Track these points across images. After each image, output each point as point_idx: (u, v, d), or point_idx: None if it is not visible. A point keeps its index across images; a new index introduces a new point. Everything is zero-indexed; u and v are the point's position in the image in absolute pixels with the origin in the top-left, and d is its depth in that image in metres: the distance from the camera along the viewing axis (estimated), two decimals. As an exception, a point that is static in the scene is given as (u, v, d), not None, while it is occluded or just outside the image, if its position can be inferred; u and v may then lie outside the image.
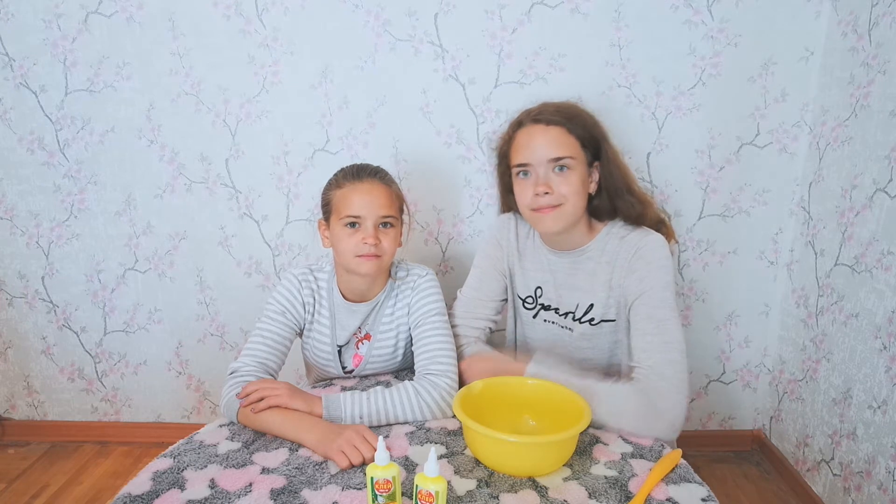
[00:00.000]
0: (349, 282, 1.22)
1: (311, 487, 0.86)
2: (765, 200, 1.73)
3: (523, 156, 1.13)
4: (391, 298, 1.25)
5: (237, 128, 1.70)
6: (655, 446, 0.97)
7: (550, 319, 1.25)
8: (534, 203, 1.12)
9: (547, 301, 1.25)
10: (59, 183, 1.76)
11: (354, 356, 1.28)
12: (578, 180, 1.11)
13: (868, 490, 1.42)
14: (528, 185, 1.12)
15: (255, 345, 1.15)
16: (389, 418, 1.05)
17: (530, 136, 1.12)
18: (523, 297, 1.29)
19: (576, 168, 1.11)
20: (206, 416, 1.96)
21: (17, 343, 1.91)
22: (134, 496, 0.84)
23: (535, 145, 1.11)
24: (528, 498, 0.83)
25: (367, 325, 1.26)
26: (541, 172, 1.11)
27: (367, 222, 1.13)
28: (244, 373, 1.10)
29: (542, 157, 1.10)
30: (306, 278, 1.23)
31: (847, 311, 1.51)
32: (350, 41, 1.62)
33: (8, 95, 1.69)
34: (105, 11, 1.62)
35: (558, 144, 1.10)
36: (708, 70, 1.62)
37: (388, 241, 1.15)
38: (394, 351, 1.26)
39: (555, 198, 1.10)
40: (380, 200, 1.14)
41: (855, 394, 1.48)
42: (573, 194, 1.11)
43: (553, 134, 1.10)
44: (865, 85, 1.45)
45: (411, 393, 1.07)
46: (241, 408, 1.03)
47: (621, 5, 1.58)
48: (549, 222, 1.13)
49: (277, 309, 1.20)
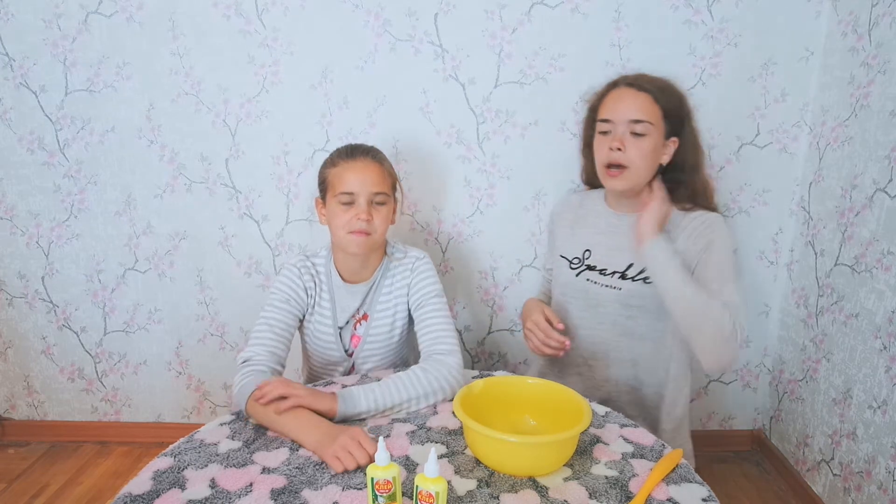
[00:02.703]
0: (345, 260, 1.27)
1: (311, 487, 0.86)
2: (765, 200, 1.73)
3: (608, 112, 1.23)
4: (387, 278, 1.29)
5: (237, 128, 1.70)
6: (656, 446, 0.98)
7: (593, 279, 1.30)
8: (607, 158, 1.22)
9: (594, 262, 1.31)
10: (59, 183, 1.75)
11: (353, 337, 1.31)
12: (651, 148, 1.21)
13: (868, 490, 1.42)
14: (606, 142, 1.23)
15: (263, 333, 1.17)
16: (403, 401, 1.06)
17: (620, 97, 1.23)
18: (570, 258, 1.35)
19: (651, 135, 1.20)
20: (205, 416, 1.96)
21: (17, 343, 1.91)
22: (134, 496, 0.84)
23: (621, 106, 1.21)
24: (529, 498, 0.83)
25: (366, 305, 1.30)
26: (619, 131, 1.21)
27: (360, 199, 1.19)
28: (256, 361, 1.12)
29: (623, 117, 1.20)
30: (304, 264, 1.28)
31: (847, 311, 1.51)
32: (350, 41, 1.62)
33: (8, 95, 1.69)
34: (105, 11, 1.62)
35: (641, 109, 1.20)
36: (708, 70, 1.63)
37: (379, 218, 1.21)
38: (390, 330, 1.30)
39: (624, 158, 1.20)
40: (372, 178, 1.20)
41: (855, 394, 1.48)
42: (641, 159, 1.21)
43: (641, 99, 1.20)
44: (865, 85, 1.45)
45: (420, 374, 1.09)
46: (252, 402, 1.03)
47: (621, 5, 1.58)
48: (614, 182, 1.24)
49: (281, 297, 1.23)
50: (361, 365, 1.32)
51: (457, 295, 1.81)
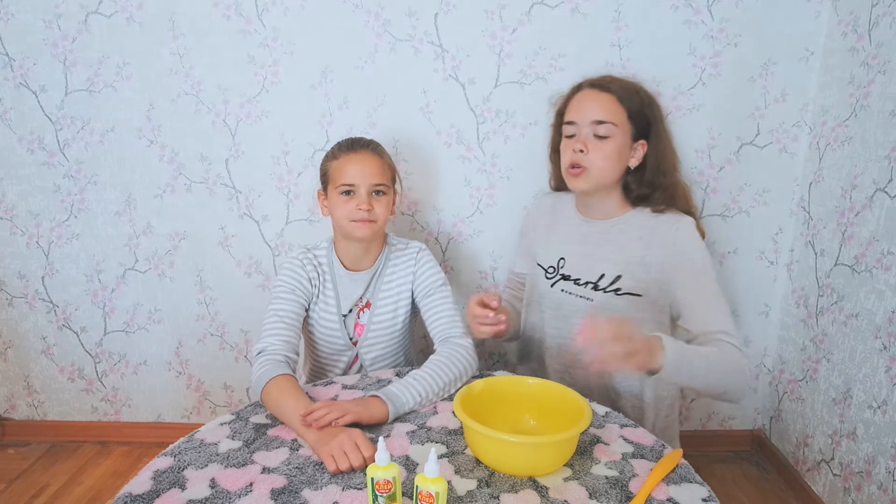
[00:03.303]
0: (347, 249, 1.29)
1: (311, 487, 0.86)
2: (765, 200, 1.73)
3: (572, 114, 1.22)
4: (389, 266, 1.32)
5: (237, 128, 1.70)
6: (656, 446, 0.98)
7: (568, 290, 1.28)
8: (570, 159, 1.21)
9: (567, 271, 1.29)
10: (59, 183, 1.75)
11: (356, 325, 1.33)
12: (614, 150, 1.19)
13: (868, 490, 1.42)
14: (570, 144, 1.22)
15: (274, 324, 1.19)
16: (440, 389, 1.10)
17: (584, 98, 1.22)
18: (545, 267, 1.34)
19: (615, 137, 1.19)
20: (205, 416, 1.96)
21: (17, 343, 1.90)
22: (135, 496, 0.84)
23: (585, 107, 1.20)
24: (529, 498, 0.83)
25: (369, 293, 1.32)
26: (583, 133, 1.20)
27: (360, 190, 1.22)
28: (271, 351, 1.13)
29: (587, 118, 1.19)
30: (306, 256, 1.30)
31: (847, 311, 1.51)
32: (350, 41, 1.62)
33: (8, 95, 1.69)
34: (105, 11, 1.62)
35: (604, 109, 1.18)
36: (708, 70, 1.63)
37: (380, 207, 1.24)
38: (393, 318, 1.33)
39: (585, 160, 1.19)
40: (372, 169, 1.23)
41: (855, 394, 1.48)
42: (603, 160, 1.19)
43: (604, 100, 1.19)
44: (865, 85, 1.45)
45: (445, 360, 1.13)
46: (266, 393, 1.05)
47: (621, 5, 1.58)
48: (576, 182, 1.22)
49: (287, 288, 1.25)
50: (365, 354, 1.34)
51: (457, 295, 1.81)
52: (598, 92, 1.20)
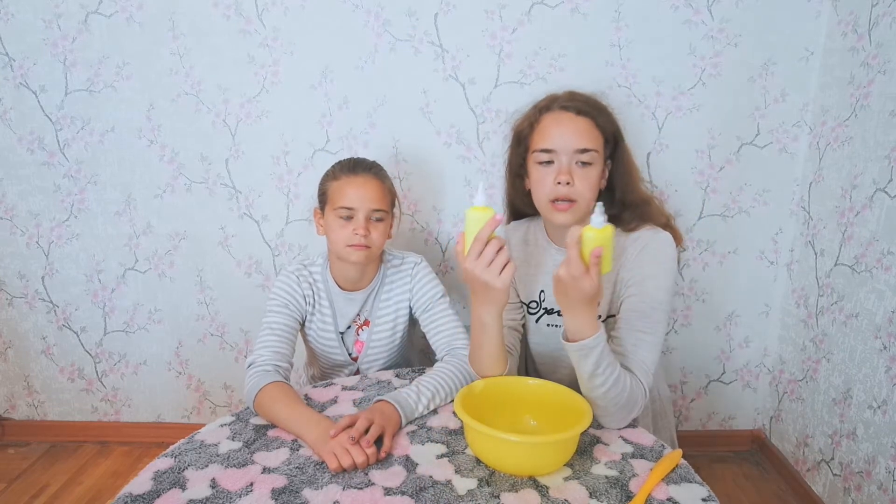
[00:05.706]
0: (342, 269, 1.27)
1: (312, 487, 0.86)
2: (765, 200, 1.73)
3: (549, 141, 1.09)
4: (386, 285, 1.31)
5: (237, 128, 1.70)
6: (656, 446, 0.98)
7: (553, 323, 1.23)
8: (553, 193, 1.09)
9: (549, 305, 1.23)
10: (59, 183, 1.75)
11: (356, 342, 1.33)
12: (597, 177, 1.10)
13: (868, 490, 1.42)
14: (550, 174, 1.09)
15: (267, 336, 1.18)
16: (446, 396, 1.09)
17: (559, 123, 1.10)
18: (527, 303, 1.27)
19: (596, 164, 1.09)
20: (206, 416, 1.96)
21: (17, 343, 1.90)
22: (135, 496, 0.84)
23: (563, 133, 1.08)
24: (529, 497, 0.83)
25: (366, 311, 1.31)
26: (564, 161, 1.08)
27: (359, 214, 1.19)
28: (261, 363, 1.13)
29: (568, 146, 1.08)
30: (301, 272, 1.28)
31: (847, 311, 1.51)
32: (350, 41, 1.62)
33: (8, 95, 1.69)
34: (105, 11, 1.62)
35: (586, 136, 1.08)
36: (708, 70, 1.63)
37: (377, 233, 1.21)
38: (392, 335, 1.32)
39: (573, 193, 1.08)
40: (372, 194, 1.20)
41: (855, 394, 1.48)
42: (590, 191, 1.09)
43: (582, 124, 1.09)
44: (865, 85, 1.46)
45: (451, 368, 1.13)
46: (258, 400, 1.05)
47: (621, 5, 1.58)
48: (562, 217, 1.10)
49: (280, 302, 1.24)
50: (367, 369, 1.35)
51: (457, 296, 1.81)
52: (575, 116, 1.09)
